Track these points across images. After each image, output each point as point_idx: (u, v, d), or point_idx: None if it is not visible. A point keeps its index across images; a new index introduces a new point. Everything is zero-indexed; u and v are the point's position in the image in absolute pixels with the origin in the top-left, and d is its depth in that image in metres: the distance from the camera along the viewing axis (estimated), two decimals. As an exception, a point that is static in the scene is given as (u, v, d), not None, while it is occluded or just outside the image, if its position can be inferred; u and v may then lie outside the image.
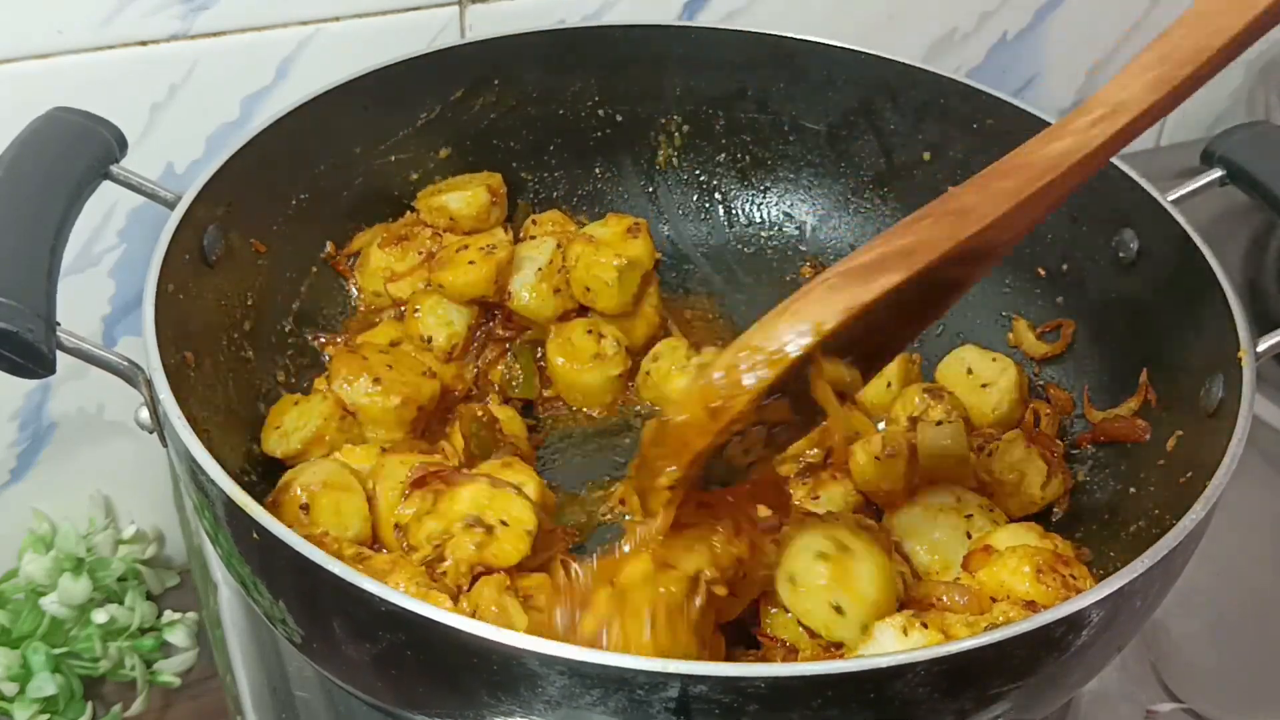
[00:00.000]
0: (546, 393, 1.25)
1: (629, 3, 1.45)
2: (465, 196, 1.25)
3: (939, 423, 1.14)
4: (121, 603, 1.44)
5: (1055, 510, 1.15)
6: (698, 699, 0.74)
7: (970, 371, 1.23)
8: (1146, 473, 1.10)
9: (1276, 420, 1.41)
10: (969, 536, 1.06)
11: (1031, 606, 0.93)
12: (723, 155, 1.42)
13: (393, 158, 1.29)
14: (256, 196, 1.15)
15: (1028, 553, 0.97)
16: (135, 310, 1.12)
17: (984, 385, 1.21)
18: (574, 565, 0.89)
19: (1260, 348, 1.01)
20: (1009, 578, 0.96)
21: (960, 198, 0.84)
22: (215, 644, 1.27)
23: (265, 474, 1.11)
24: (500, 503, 0.98)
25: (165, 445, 0.96)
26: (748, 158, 1.42)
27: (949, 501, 1.09)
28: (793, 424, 0.88)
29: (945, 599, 0.96)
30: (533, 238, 1.29)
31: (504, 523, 0.97)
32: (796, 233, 1.42)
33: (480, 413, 1.15)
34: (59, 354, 0.89)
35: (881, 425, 1.21)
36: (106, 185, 1.04)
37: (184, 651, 1.45)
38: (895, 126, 1.36)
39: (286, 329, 1.20)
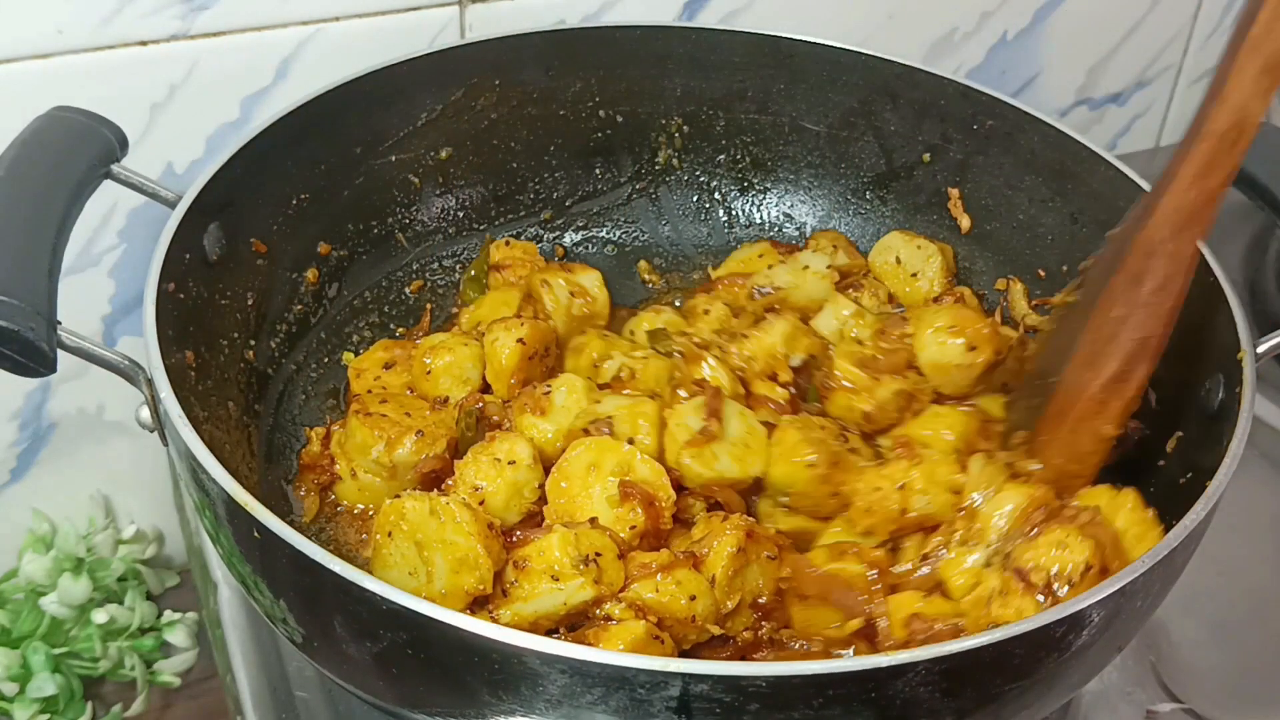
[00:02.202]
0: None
1: (629, 3, 1.45)
2: None
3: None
4: (121, 603, 1.44)
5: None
6: (699, 698, 0.74)
7: (899, 260, 1.32)
8: (1146, 473, 1.10)
9: (1276, 420, 1.41)
10: None
11: None
12: (723, 156, 1.42)
13: (393, 158, 1.29)
14: (256, 196, 1.15)
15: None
16: (135, 310, 1.13)
17: (914, 275, 1.31)
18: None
19: (1260, 348, 1.01)
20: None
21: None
22: (215, 644, 1.27)
23: (265, 473, 1.11)
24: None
25: (165, 444, 0.96)
26: (748, 158, 1.42)
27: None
28: None
29: None
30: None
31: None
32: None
33: (470, 406, 1.15)
34: (60, 354, 0.89)
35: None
36: (107, 185, 1.04)
37: (184, 651, 1.45)
38: (895, 127, 1.36)
39: (287, 328, 1.20)
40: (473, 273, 1.34)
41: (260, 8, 1.28)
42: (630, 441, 1.06)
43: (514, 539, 1.01)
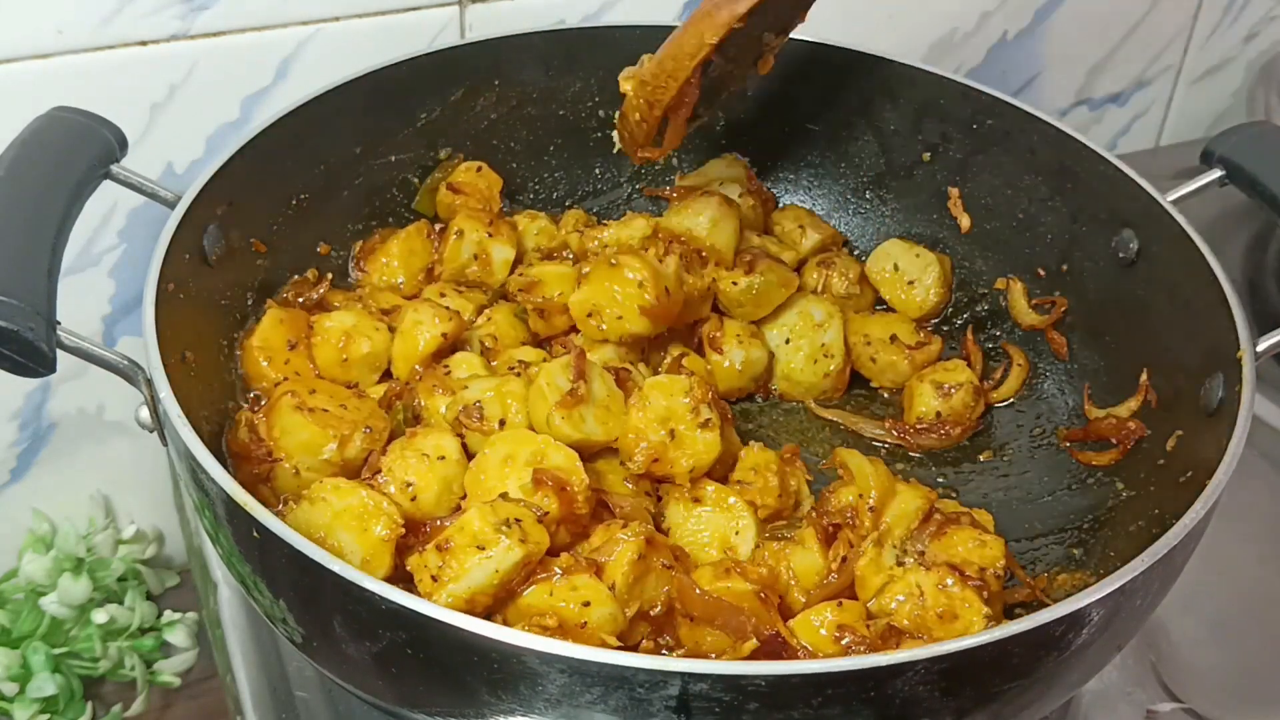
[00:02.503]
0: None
1: (629, 3, 1.45)
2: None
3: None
4: (121, 603, 1.44)
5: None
6: (698, 697, 0.74)
7: (896, 268, 1.33)
8: (1146, 473, 1.10)
9: (1276, 420, 1.41)
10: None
11: None
12: (723, 155, 1.42)
13: (393, 158, 1.29)
14: (256, 196, 1.15)
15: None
16: (135, 310, 1.13)
17: (910, 283, 1.32)
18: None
19: (1260, 348, 1.01)
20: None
21: None
22: (215, 644, 1.27)
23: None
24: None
25: (165, 444, 0.96)
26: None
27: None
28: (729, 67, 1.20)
29: None
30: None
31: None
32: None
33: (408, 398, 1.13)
34: (59, 354, 0.89)
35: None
36: (106, 185, 1.04)
37: (184, 651, 1.45)
38: (895, 127, 1.36)
39: (286, 329, 1.20)
40: (431, 185, 1.31)
41: (260, 8, 1.29)
42: (502, 423, 1.06)
43: (425, 530, 0.99)
